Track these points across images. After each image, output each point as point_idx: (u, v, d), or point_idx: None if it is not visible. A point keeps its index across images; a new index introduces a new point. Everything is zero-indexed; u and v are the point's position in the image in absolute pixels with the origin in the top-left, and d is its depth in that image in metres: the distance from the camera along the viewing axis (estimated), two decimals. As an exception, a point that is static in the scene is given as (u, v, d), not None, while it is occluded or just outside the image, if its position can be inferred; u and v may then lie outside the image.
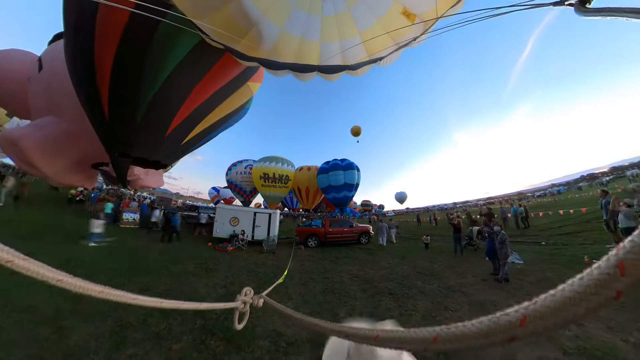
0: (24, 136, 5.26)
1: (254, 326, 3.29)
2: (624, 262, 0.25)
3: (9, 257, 0.47)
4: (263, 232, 10.98)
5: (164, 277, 5.03)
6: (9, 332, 2.66)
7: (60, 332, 2.77)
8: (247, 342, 2.90)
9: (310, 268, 6.64)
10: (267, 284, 5.21)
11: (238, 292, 3.66)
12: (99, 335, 2.80)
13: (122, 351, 2.59)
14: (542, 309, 0.30)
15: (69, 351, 2.50)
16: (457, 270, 6.00)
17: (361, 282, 5.39)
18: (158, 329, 3.03)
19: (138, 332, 2.93)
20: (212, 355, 2.64)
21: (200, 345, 2.79)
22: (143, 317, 3.27)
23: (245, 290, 1.27)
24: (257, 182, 20.75)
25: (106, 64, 4.50)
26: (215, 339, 2.93)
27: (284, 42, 4.62)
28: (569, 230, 9.19)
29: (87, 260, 5.45)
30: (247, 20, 4.25)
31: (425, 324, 3.34)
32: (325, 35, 4.74)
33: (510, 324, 0.32)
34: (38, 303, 3.21)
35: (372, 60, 4.95)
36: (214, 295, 4.40)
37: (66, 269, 0.53)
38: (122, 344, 2.70)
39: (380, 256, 8.43)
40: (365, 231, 11.50)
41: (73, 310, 3.16)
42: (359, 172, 19.59)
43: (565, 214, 12.10)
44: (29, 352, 2.40)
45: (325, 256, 8.45)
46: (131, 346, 2.68)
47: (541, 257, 6.22)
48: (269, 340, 2.96)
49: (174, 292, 4.36)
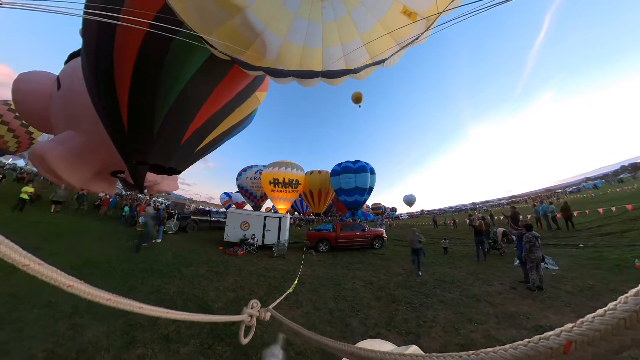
0: (49, 151, 5.79)
1: (262, 334, 3.16)
2: None
3: (25, 261, 0.50)
4: (273, 236, 10.94)
5: (176, 280, 5.06)
6: (30, 327, 2.75)
7: (75, 328, 2.83)
8: (255, 349, 2.77)
9: (321, 274, 6.44)
10: (277, 289, 5.08)
11: (246, 297, 3.56)
12: (111, 333, 2.83)
13: (132, 351, 2.58)
14: (590, 333, 0.25)
15: (82, 347, 2.53)
16: (481, 277, 5.51)
17: (375, 289, 5.12)
18: (167, 331, 2.99)
19: (147, 333, 2.91)
20: (219, 361, 2.54)
21: (208, 350, 2.71)
22: (153, 318, 3.25)
23: (252, 302, 1.18)
24: (266, 187, 21.00)
25: (125, 81, 4.89)
26: (222, 345, 2.83)
27: (287, 51, 4.75)
28: (611, 229, 8.13)
29: (105, 262, 5.64)
30: (251, 32, 4.42)
31: (448, 338, 3.05)
32: (327, 40, 4.81)
33: (552, 350, 0.27)
34: (59, 299, 3.30)
35: (375, 62, 4.94)
36: (224, 299, 4.33)
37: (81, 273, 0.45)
38: (131, 343, 2.70)
39: (394, 261, 8.04)
40: (378, 235, 11.09)
41: (88, 309, 3.21)
42: (374, 174, 19.01)
43: (607, 212, 10.27)
44: (45, 347, 2.46)
45: (337, 261, 8.20)
46: (140, 346, 2.66)
47: (579, 262, 5.58)
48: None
49: (185, 294, 4.34)
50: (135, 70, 4.83)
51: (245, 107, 7.67)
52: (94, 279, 4.31)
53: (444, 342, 2.99)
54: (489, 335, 3.08)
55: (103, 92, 5.29)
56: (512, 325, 3.26)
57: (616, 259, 5.33)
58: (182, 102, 5.48)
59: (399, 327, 3.41)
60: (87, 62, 5.22)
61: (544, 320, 3.34)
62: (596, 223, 9.61)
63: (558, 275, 4.97)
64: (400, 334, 3.26)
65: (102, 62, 4.89)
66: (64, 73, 6.74)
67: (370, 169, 18.75)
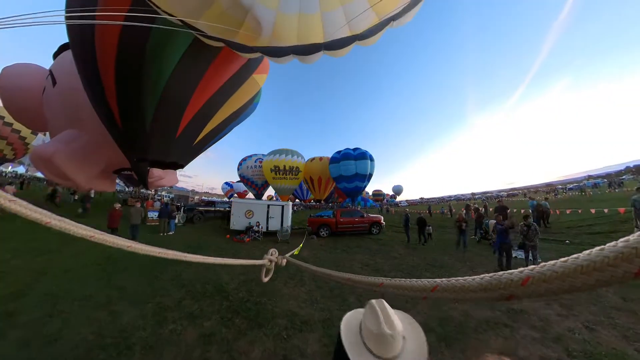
0: (56, 152, 5.58)
1: (272, 307, 3.71)
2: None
3: (46, 219, 0.56)
4: (277, 223, 11.52)
5: (192, 267, 5.60)
6: (75, 316, 3.20)
7: (113, 314, 3.29)
8: (267, 320, 3.30)
9: (322, 256, 7.01)
10: (283, 269, 5.65)
11: (256, 277, 4.14)
12: (144, 315, 3.30)
13: (164, 327, 3.06)
14: (549, 272, 0.29)
15: (122, 328, 2.99)
16: (468, 264, 6.04)
17: (371, 270, 5.67)
18: (192, 310, 3.51)
19: (175, 312, 3.42)
20: (237, 330, 3.06)
21: (228, 322, 3.23)
22: (178, 300, 3.78)
23: (271, 250, 1.48)
24: (268, 175, 21.31)
25: (110, 74, 4.67)
26: (239, 318, 3.36)
27: (282, 24, 4.30)
28: (599, 229, 8.53)
29: (124, 257, 6.18)
30: (240, 9, 4.04)
31: (431, 314, 3.52)
32: (325, 4, 4.23)
33: (512, 282, 0.32)
34: (93, 293, 3.78)
35: (384, 21, 4.35)
36: (236, 280, 4.88)
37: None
38: (163, 322, 3.18)
39: (390, 246, 8.64)
40: (376, 221, 11.64)
41: (121, 297, 3.70)
42: (373, 161, 19.12)
43: (599, 212, 10.57)
44: (92, 330, 2.91)
45: (337, 246, 8.79)
46: (171, 323, 3.15)
47: (562, 256, 6.02)
48: (286, 319, 3.34)
49: (202, 279, 4.88)
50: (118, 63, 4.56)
51: (244, 91, 7.16)
52: (119, 273, 4.75)
53: (427, 315, 3.46)
54: (466, 313, 3.48)
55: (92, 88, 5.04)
56: (489, 307, 3.63)
57: (595, 256, 5.80)
58: (171, 92, 5.15)
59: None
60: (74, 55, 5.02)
61: (516, 304, 3.63)
62: (588, 222, 9.93)
63: None
64: None
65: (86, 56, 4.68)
66: (59, 67, 6.30)
67: (369, 156, 18.91)
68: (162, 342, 2.76)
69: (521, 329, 2.99)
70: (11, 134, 17.02)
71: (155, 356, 2.52)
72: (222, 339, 2.87)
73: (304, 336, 2.96)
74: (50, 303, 3.42)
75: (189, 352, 2.61)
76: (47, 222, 0.57)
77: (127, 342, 2.71)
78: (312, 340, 2.87)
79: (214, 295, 4.10)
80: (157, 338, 2.82)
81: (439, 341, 2.79)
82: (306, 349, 2.71)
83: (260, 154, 25.56)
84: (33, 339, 2.61)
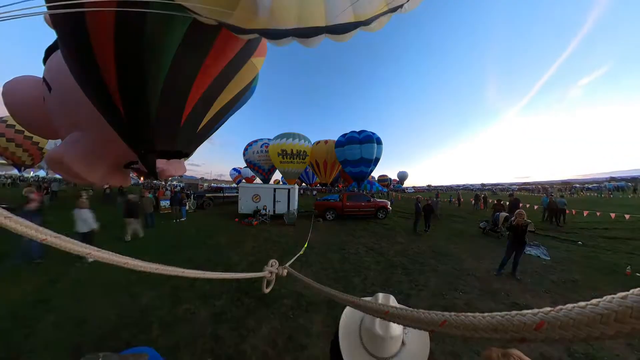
0: (65, 154, 5.78)
1: (279, 288, 3.87)
2: None
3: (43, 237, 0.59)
4: (283, 206, 11.72)
5: (203, 250, 5.88)
6: (100, 300, 3.45)
7: (133, 297, 3.53)
8: (274, 299, 3.47)
9: (329, 240, 7.15)
10: (289, 253, 5.81)
11: (264, 259, 4.20)
12: (160, 297, 3.53)
13: (179, 307, 3.27)
14: (564, 319, 0.27)
15: (142, 308, 3.23)
16: (475, 255, 5.87)
17: (376, 254, 5.75)
18: (204, 290, 3.71)
19: (189, 293, 3.63)
20: (246, 309, 3.24)
21: (237, 302, 3.41)
22: (191, 282, 3.99)
23: (271, 262, 1.50)
24: (275, 159, 21.29)
25: (110, 68, 4.52)
26: (248, 297, 3.54)
27: (280, 4, 4.03)
28: (616, 234, 7.95)
29: (140, 244, 6.53)
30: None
31: (434, 301, 3.57)
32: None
33: (525, 325, 0.30)
34: (115, 279, 4.04)
35: (391, 9, 4.15)
36: (245, 262, 5.09)
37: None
38: (178, 302, 3.39)
39: (396, 231, 8.68)
40: (382, 206, 11.63)
41: (139, 281, 3.94)
42: (380, 145, 18.40)
43: (619, 217, 9.75)
44: (116, 312, 3.15)
45: (343, 229, 8.92)
46: (185, 303, 3.36)
47: (573, 257, 5.61)
48: (292, 300, 3.50)
49: (212, 261, 5.13)
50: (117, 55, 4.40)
51: (242, 76, 7.00)
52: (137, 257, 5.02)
53: (430, 304, 3.51)
54: (470, 304, 3.52)
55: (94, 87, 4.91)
56: (493, 299, 3.66)
57: (610, 262, 5.31)
58: (173, 80, 5.07)
59: (393, 287, 3.99)
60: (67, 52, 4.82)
61: (521, 300, 3.67)
62: (604, 225, 9.37)
63: (548, 265, 5.13)
64: (392, 294, 3.85)
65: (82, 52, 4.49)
66: (50, 72, 6.19)
67: (376, 138, 18.14)
68: (178, 320, 2.96)
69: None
70: (25, 141, 17.59)
71: (172, 333, 2.72)
72: (232, 317, 3.05)
73: (309, 316, 3.10)
74: (80, 289, 3.71)
75: (201, 329, 2.80)
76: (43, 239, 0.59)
77: (146, 320, 2.93)
78: (317, 320, 3.00)
79: (224, 276, 4.31)
80: (172, 317, 3.02)
81: (441, 328, 2.85)
82: (311, 329, 2.85)
83: (265, 138, 25.42)
84: (65, 321, 2.87)
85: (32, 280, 3.95)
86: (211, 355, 2.42)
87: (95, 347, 2.51)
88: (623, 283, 4.24)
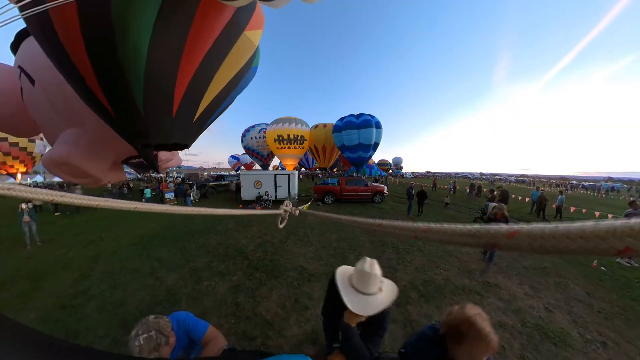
0: (70, 154, 5.28)
1: (285, 263, 4.49)
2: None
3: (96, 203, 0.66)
4: (284, 191, 12.26)
5: (213, 235, 6.44)
6: (130, 285, 3.88)
7: (159, 280, 4.00)
8: (281, 272, 4.09)
9: (327, 222, 7.73)
10: (293, 233, 6.42)
11: (270, 240, 4.91)
12: (183, 278, 4.03)
13: (201, 284, 3.80)
14: (536, 231, 0.30)
15: (168, 288, 3.71)
16: None
17: (370, 235, 6.35)
18: (220, 269, 4.29)
19: (207, 272, 4.19)
20: (258, 281, 3.84)
21: (250, 276, 4.01)
22: (207, 263, 4.57)
23: (286, 202, 1.77)
24: (272, 144, 21.17)
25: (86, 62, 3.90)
26: (259, 272, 4.15)
27: None
28: None
29: (154, 235, 7.03)
30: None
31: (417, 276, 4.07)
32: None
33: (499, 233, 0.33)
34: (139, 266, 4.52)
35: None
36: (253, 243, 5.67)
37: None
38: (199, 280, 3.92)
39: (390, 215, 9.28)
40: (379, 191, 12.11)
41: (161, 266, 4.46)
42: (380, 129, 17.73)
43: (602, 216, 9.68)
44: (146, 292, 3.61)
45: (341, 212, 9.47)
46: (205, 280, 3.91)
47: None
48: (296, 272, 4.11)
49: (224, 244, 5.69)
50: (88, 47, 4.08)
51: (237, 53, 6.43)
52: (154, 248, 5.40)
53: (413, 277, 4.01)
54: (448, 279, 3.94)
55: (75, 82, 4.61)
56: (468, 277, 4.06)
57: (581, 256, 5.74)
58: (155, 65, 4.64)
59: (382, 263, 4.52)
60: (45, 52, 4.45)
61: (492, 279, 4.01)
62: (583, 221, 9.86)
63: (523, 254, 5.43)
64: (382, 267, 4.39)
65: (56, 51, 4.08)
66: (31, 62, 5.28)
67: (375, 122, 17.41)
68: (202, 294, 3.53)
69: (490, 298, 3.46)
70: (12, 148, 16.22)
71: (199, 304, 3.29)
72: (247, 288, 3.65)
73: (311, 285, 3.71)
74: (110, 278, 4.15)
75: (223, 299, 3.39)
76: (97, 205, 0.67)
77: (175, 297, 3.47)
78: (317, 288, 3.60)
79: (235, 256, 4.90)
80: (197, 292, 3.59)
81: (419, 297, 3.41)
82: (313, 294, 3.45)
83: (263, 123, 25.10)
84: (106, 305, 3.32)
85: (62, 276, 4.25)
86: (234, 317, 3.00)
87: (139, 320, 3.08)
88: (587, 273, 4.52)
